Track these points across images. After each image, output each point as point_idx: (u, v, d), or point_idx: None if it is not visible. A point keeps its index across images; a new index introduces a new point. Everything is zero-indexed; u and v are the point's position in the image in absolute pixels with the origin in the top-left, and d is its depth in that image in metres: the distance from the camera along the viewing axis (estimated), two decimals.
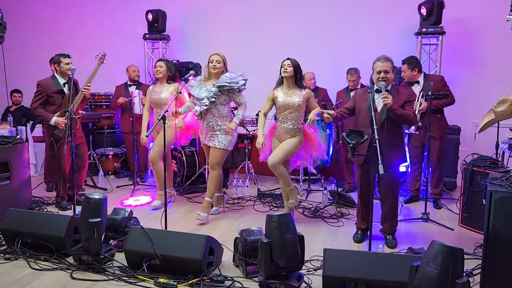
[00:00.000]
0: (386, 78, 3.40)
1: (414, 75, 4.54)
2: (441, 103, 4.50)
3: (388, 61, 3.43)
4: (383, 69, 3.39)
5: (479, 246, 3.51)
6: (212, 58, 4.14)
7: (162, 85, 4.62)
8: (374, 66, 3.47)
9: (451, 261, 2.25)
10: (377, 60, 3.47)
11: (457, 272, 2.26)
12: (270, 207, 4.72)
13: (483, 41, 5.59)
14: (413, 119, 3.48)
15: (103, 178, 5.69)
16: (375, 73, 3.46)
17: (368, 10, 5.97)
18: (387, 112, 3.31)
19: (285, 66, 3.91)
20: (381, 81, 3.38)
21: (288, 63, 3.91)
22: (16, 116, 5.96)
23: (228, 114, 4.19)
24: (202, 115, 4.18)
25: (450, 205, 4.73)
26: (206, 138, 4.21)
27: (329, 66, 5.93)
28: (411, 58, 4.60)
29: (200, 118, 4.22)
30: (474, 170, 3.95)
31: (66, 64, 4.38)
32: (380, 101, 3.36)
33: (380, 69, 3.40)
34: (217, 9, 6.57)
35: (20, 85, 6.46)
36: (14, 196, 4.17)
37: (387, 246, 3.62)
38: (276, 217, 2.75)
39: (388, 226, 3.67)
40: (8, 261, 3.26)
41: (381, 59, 3.43)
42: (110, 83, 6.29)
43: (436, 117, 4.52)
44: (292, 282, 2.76)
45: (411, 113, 3.45)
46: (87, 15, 7.17)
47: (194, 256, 2.92)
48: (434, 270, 2.27)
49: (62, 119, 4.33)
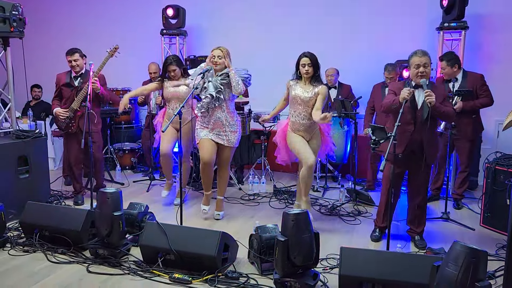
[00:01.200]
0: (426, 72, 3.27)
1: (454, 72, 4.35)
2: (478, 103, 4.32)
3: (426, 55, 3.29)
4: (422, 63, 3.27)
5: (502, 247, 3.41)
6: (213, 53, 3.90)
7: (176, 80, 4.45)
8: (412, 61, 3.32)
9: (472, 263, 2.17)
10: (414, 54, 3.33)
11: (478, 275, 2.18)
12: (286, 203, 4.68)
13: (506, 36, 5.42)
14: (453, 115, 3.40)
15: (120, 172, 5.74)
16: (412, 68, 3.31)
17: (387, 4, 5.85)
18: (429, 109, 3.21)
19: (305, 67, 3.74)
20: (421, 77, 3.26)
21: (308, 62, 3.73)
22: (36, 111, 6.06)
23: (234, 110, 4.09)
24: (209, 110, 3.95)
25: (471, 205, 4.61)
26: (211, 134, 3.98)
27: (349, 62, 5.84)
28: (450, 54, 4.43)
29: (207, 113, 3.97)
30: (497, 169, 3.85)
31: (68, 61, 4.47)
32: (420, 98, 3.28)
33: (419, 63, 3.27)
34: (232, 3, 6.54)
35: (40, 80, 6.56)
36: (33, 190, 4.22)
37: (416, 247, 3.52)
38: (294, 216, 2.70)
39: (417, 225, 3.58)
40: (27, 253, 3.31)
41: (418, 53, 3.30)
42: (127, 79, 6.34)
43: (471, 117, 4.37)
44: (308, 281, 2.72)
45: (451, 110, 3.37)
46: (106, 10, 7.22)
47: (209, 252, 2.90)
48: (454, 271, 2.20)
49: (62, 111, 4.41)
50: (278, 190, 5.04)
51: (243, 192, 5.12)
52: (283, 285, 2.73)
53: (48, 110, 6.11)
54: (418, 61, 3.27)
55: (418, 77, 3.27)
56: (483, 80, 4.36)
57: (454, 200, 4.63)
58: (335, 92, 5.59)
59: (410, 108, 3.31)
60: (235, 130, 4.03)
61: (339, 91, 5.62)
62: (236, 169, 5.57)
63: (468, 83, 4.32)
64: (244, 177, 5.65)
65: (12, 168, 4.08)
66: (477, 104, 4.32)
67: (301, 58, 3.81)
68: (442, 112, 3.27)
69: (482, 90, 4.32)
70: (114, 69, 4.57)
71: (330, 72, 5.54)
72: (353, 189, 4.77)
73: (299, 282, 2.70)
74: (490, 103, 4.35)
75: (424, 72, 3.26)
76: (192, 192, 5.09)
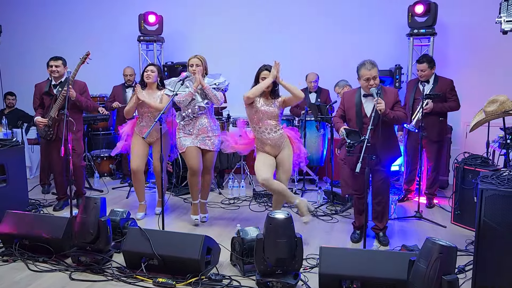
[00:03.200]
0: (375, 84, 3.40)
1: (431, 73, 4.57)
2: (446, 106, 4.54)
3: (375, 67, 3.39)
4: (372, 76, 3.37)
5: (471, 242, 3.58)
6: (191, 62, 3.96)
7: (151, 90, 4.31)
8: (361, 73, 3.41)
9: (439, 258, 2.30)
10: (362, 66, 3.41)
11: (446, 269, 2.31)
12: (265, 207, 4.77)
13: (473, 42, 5.70)
14: (405, 118, 3.55)
15: (99, 179, 5.71)
16: (362, 80, 3.43)
17: (360, 11, 6.06)
18: (379, 116, 3.34)
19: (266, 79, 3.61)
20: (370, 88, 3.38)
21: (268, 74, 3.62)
22: (10, 119, 5.96)
23: (214, 115, 4.19)
24: (195, 118, 4.00)
25: (442, 203, 4.81)
26: (197, 141, 3.99)
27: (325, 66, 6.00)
28: (429, 57, 4.65)
29: (190, 121, 3.99)
30: (466, 169, 4.03)
31: (50, 66, 4.45)
32: (369, 105, 3.43)
33: (369, 76, 3.37)
34: (210, 9, 6.62)
35: (14, 87, 6.46)
36: (11, 199, 4.17)
37: (380, 244, 3.68)
38: (274, 220, 2.78)
39: (380, 221, 3.73)
40: (6, 263, 3.26)
41: (367, 66, 3.37)
42: (104, 85, 6.30)
43: (438, 119, 4.58)
44: (289, 280, 2.80)
45: (402, 114, 3.51)
46: (82, 17, 7.16)
47: (192, 255, 2.95)
48: (423, 266, 2.35)
49: (42, 119, 4.39)
50: (258, 193, 5.13)
51: (223, 196, 5.18)
52: (265, 285, 2.81)
53: (24, 118, 6.04)
54: (368, 74, 3.37)
55: (368, 88, 3.41)
56: (453, 85, 4.59)
57: (426, 199, 4.82)
58: (314, 96, 5.73)
59: (356, 117, 3.50)
60: (217, 134, 4.11)
61: (318, 95, 5.75)
62: (216, 174, 5.63)
63: (438, 87, 4.54)
64: (224, 182, 5.72)
65: None
66: (446, 107, 4.55)
67: (261, 71, 3.69)
68: (392, 117, 3.40)
69: (451, 95, 4.55)
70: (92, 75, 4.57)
71: (311, 78, 5.66)
72: (330, 190, 4.90)
73: (280, 282, 2.79)
74: (457, 107, 4.59)
75: (373, 84, 3.39)
76: (171, 197, 5.11)
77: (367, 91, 3.45)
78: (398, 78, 5.56)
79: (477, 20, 5.52)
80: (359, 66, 3.46)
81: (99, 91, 6.37)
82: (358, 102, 3.54)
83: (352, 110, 3.56)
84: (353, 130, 3.25)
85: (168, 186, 5.16)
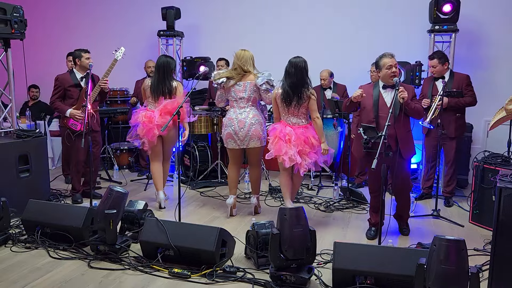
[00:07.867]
0: (396, 72, 3.48)
1: (444, 69, 4.52)
2: (462, 102, 4.47)
3: (394, 57, 3.52)
4: (394, 64, 3.47)
5: (489, 242, 3.52)
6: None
7: None
8: (383, 63, 3.51)
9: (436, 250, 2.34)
10: (383, 57, 3.53)
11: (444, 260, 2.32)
12: (281, 201, 4.78)
13: (496, 39, 5.57)
14: (422, 112, 3.61)
15: (118, 172, 5.82)
16: (384, 69, 3.50)
17: (380, 7, 5.99)
18: (401, 105, 3.37)
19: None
20: (394, 77, 3.45)
21: None
22: (34, 111, 6.13)
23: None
24: None
25: (461, 202, 4.75)
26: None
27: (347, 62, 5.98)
28: (440, 53, 4.61)
29: None
30: (485, 168, 3.96)
31: (86, 58, 4.52)
32: (388, 96, 3.46)
33: (391, 63, 3.47)
34: (230, 4, 6.65)
35: (37, 80, 6.62)
36: (33, 188, 4.29)
37: (402, 233, 3.78)
38: (287, 211, 2.82)
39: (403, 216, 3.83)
40: (29, 250, 3.39)
41: (388, 56, 3.51)
42: (124, 79, 6.41)
43: (455, 115, 4.52)
44: (303, 274, 2.82)
45: (420, 107, 3.58)
46: (102, 12, 7.29)
47: (207, 247, 3.00)
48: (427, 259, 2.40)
49: (77, 112, 4.46)
50: (273, 188, 5.15)
51: (239, 190, 5.21)
52: (279, 278, 2.83)
53: (47, 110, 6.19)
54: (390, 62, 3.47)
55: (391, 77, 3.46)
56: (469, 80, 4.53)
57: (444, 198, 4.76)
58: (329, 93, 5.70)
59: (372, 106, 3.52)
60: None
61: (334, 90, 5.71)
62: None
63: (454, 82, 4.48)
64: (240, 176, 5.74)
65: (12, 167, 4.14)
66: (461, 102, 4.48)
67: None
68: (413, 107, 3.46)
69: (467, 90, 4.49)
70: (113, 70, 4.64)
71: (323, 76, 5.63)
72: (346, 187, 4.88)
73: (294, 276, 2.81)
74: (473, 102, 4.52)
75: (395, 72, 3.47)
76: (188, 191, 5.17)
77: (389, 80, 3.49)
78: (418, 75, 5.48)
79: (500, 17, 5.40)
80: (378, 58, 3.56)
81: (120, 85, 6.49)
82: (376, 93, 3.57)
83: (368, 100, 3.57)
84: (370, 126, 3.24)
85: (185, 179, 5.23)
